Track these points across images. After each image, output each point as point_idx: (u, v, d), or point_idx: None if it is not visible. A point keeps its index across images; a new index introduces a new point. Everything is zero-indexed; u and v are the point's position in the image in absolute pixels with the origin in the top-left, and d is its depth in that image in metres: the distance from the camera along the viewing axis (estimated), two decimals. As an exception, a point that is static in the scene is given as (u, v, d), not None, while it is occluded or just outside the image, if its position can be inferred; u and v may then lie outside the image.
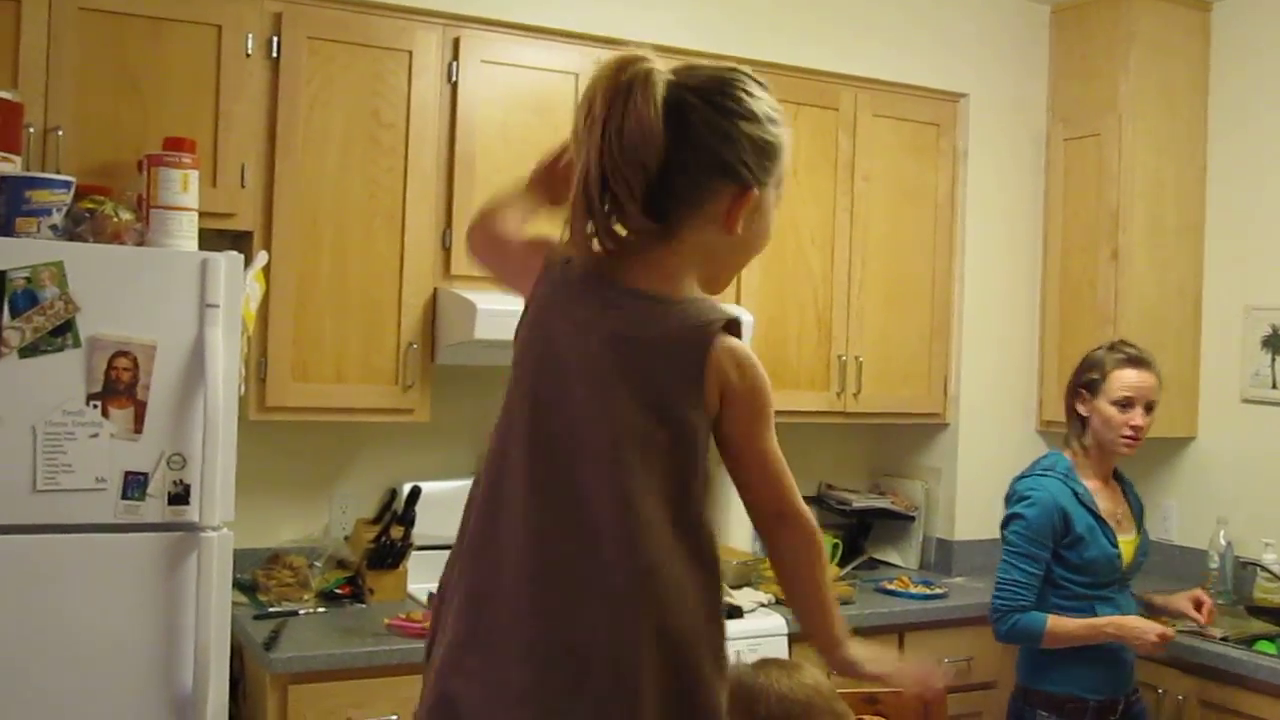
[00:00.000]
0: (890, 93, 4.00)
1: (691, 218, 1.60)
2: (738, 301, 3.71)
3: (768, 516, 1.65)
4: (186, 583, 2.63)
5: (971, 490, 4.16)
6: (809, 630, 1.76)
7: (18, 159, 2.76)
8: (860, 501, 4.17)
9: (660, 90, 1.54)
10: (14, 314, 2.50)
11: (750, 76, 1.64)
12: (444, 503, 3.54)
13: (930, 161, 4.09)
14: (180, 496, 2.64)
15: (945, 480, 4.16)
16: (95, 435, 2.57)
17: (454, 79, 3.37)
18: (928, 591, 3.76)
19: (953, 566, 4.09)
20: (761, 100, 1.62)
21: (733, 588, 3.54)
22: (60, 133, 2.93)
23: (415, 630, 3.03)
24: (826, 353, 3.90)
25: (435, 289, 3.36)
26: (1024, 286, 4.26)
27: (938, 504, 4.17)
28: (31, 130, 2.89)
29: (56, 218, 2.64)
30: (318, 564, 3.44)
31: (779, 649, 3.34)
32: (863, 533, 4.22)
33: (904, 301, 4.05)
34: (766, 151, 1.61)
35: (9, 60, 2.90)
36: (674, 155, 1.55)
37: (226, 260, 2.70)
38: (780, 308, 3.82)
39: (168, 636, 2.62)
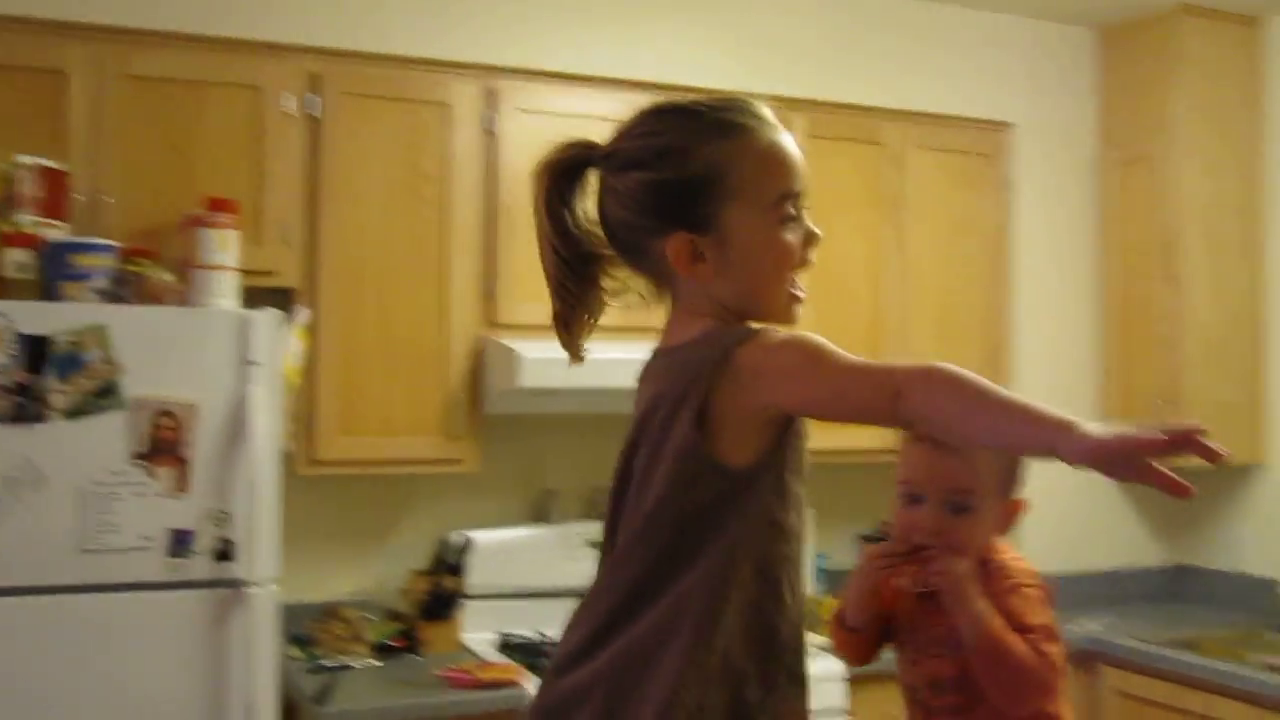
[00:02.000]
0: (935, 125, 3.97)
1: (662, 277, 1.54)
2: (786, 340, 3.68)
3: (893, 416, 1.36)
4: (233, 638, 2.65)
5: (1034, 524, 4.05)
6: (1021, 450, 1.54)
7: (66, 225, 2.83)
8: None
9: (546, 183, 1.53)
10: (59, 377, 2.55)
11: (651, 111, 1.54)
12: (496, 552, 3.56)
13: (978, 193, 4.04)
14: (225, 553, 2.66)
15: (1006, 518, 4.07)
16: (141, 494, 2.60)
17: (491, 129, 3.40)
18: (991, 630, 3.67)
19: (1018, 604, 3.99)
20: (653, 136, 1.51)
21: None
22: (108, 199, 2.99)
23: (466, 681, 3.02)
24: (879, 389, 3.84)
25: (480, 339, 3.37)
26: (1080, 316, 4.19)
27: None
28: (80, 198, 2.96)
29: (100, 281, 2.69)
30: (372, 616, 3.45)
31: (836, 694, 3.28)
32: (926, 571, 4.14)
33: (957, 335, 3.99)
34: (677, 190, 1.48)
35: (59, 129, 2.97)
36: (608, 233, 1.54)
37: (266, 318, 2.73)
38: (830, 345, 3.78)
39: (216, 692, 2.63)
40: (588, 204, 1.55)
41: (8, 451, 2.51)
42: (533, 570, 3.62)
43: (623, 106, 3.59)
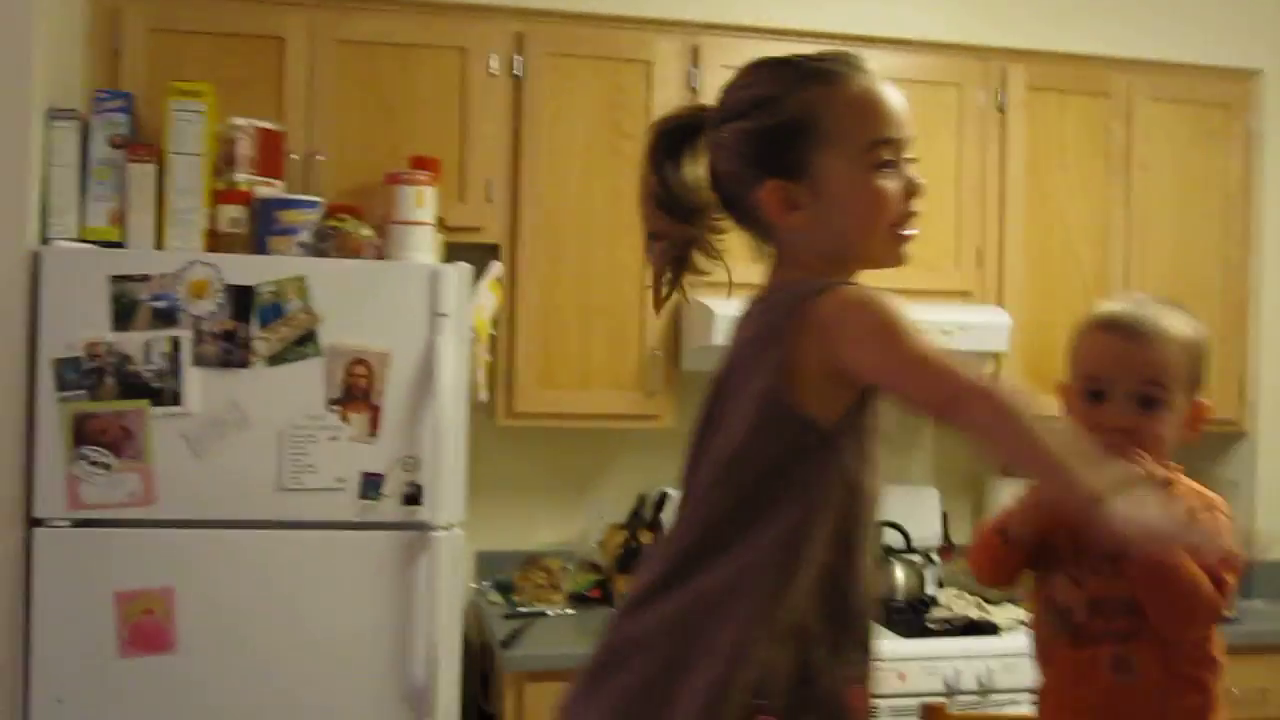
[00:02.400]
0: (1170, 74, 3.70)
1: (762, 228, 1.53)
2: (999, 302, 3.54)
3: (939, 416, 1.38)
4: (419, 578, 2.75)
5: (1276, 505, 3.78)
6: (1056, 496, 1.57)
7: (279, 183, 2.99)
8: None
9: (655, 140, 1.57)
10: (262, 325, 2.70)
11: (752, 64, 1.54)
12: (692, 509, 3.57)
13: (1219, 146, 3.74)
14: (413, 497, 2.76)
15: (1244, 494, 3.80)
16: (335, 438, 2.74)
17: (694, 86, 3.39)
18: (1216, 614, 3.44)
19: (1252, 588, 3.73)
20: (751, 87, 1.51)
21: (990, 602, 3.37)
22: (321, 157, 3.15)
23: (650, 634, 3.05)
24: (1102, 356, 3.65)
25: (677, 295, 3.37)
26: (1336, 279, 3.84)
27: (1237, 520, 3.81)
28: (295, 157, 3.12)
29: (304, 235, 2.84)
30: (571, 567, 3.53)
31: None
32: (1154, 549, 3.92)
33: (1190, 299, 3.65)
34: (771, 137, 1.48)
35: (275, 92, 3.15)
36: (715, 190, 1.54)
37: (456, 271, 2.82)
38: (1048, 310, 3.60)
39: (401, 629, 2.75)
40: (700, 170, 1.56)
41: (216, 394, 2.69)
42: (729, 529, 3.61)
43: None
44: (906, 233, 1.50)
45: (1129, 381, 1.79)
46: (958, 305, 3.52)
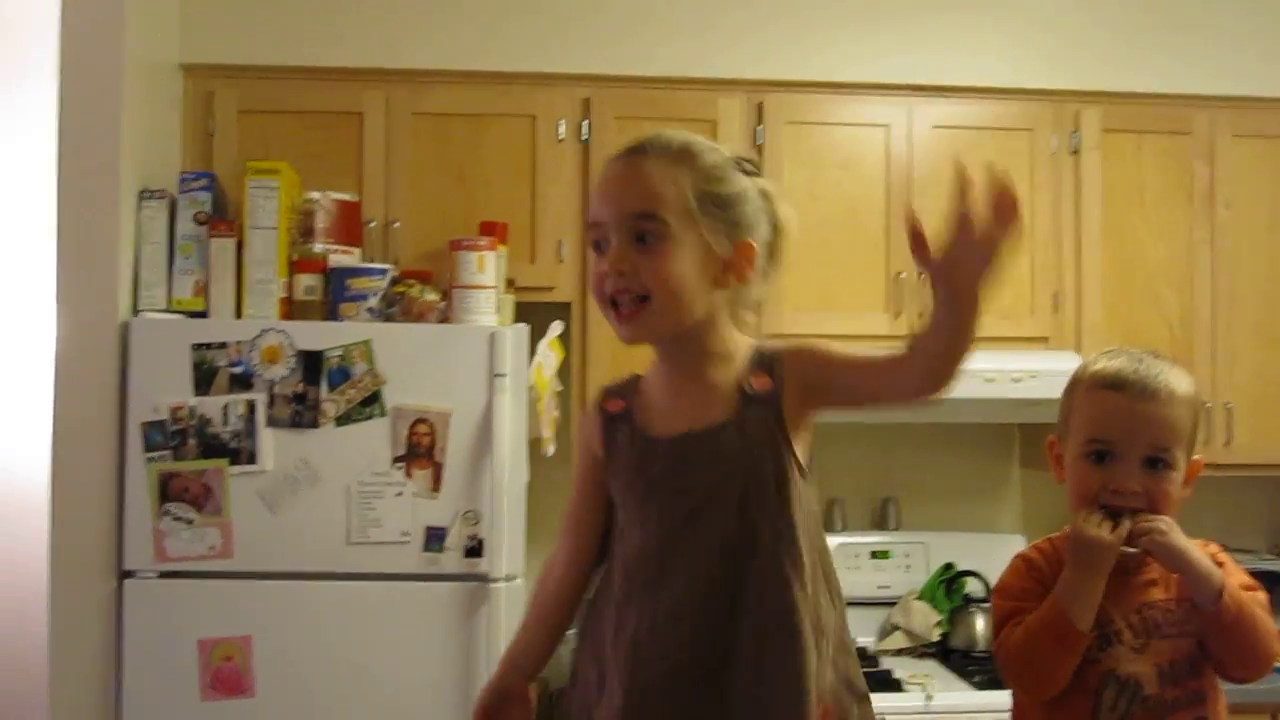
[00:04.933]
0: (1254, 109, 3.61)
1: None
2: (1078, 348, 3.49)
3: None
4: (480, 627, 2.86)
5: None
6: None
7: (357, 251, 3.17)
8: (1256, 563, 3.74)
9: None
10: (331, 388, 2.87)
11: None
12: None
13: (1310, 181, 3.64)
14: (475, 550, 2.88)
15: (1351, 540, 3.66)
16: (400, 494, 2.88)
17: (759, 142, 3.45)
18: (1312, 667, 3.31)
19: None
20: None
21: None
22: (397, 225, 3.32)
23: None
24: (1190, 399, 3.56)
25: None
26: None
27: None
28: (373, 224, 3.30)
29: (373, 301, 2.99)
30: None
31: None
32: (1260, 597, 3.79)
33: (1284, 339, 3.62)
34: None
35: (354, 163, 3.34)
36: None
37: (513, 333, 2.93)
38: (1130, 352, 3.54)
39: (463, 676, 2.86)
40: None
41: (288, 453, 2.86)
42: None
43: (895, 112, 3.56)
44: (611, 308, 1.68)
45: (1139, 445, 1.76)
46: (1036, 352, 3.49)
